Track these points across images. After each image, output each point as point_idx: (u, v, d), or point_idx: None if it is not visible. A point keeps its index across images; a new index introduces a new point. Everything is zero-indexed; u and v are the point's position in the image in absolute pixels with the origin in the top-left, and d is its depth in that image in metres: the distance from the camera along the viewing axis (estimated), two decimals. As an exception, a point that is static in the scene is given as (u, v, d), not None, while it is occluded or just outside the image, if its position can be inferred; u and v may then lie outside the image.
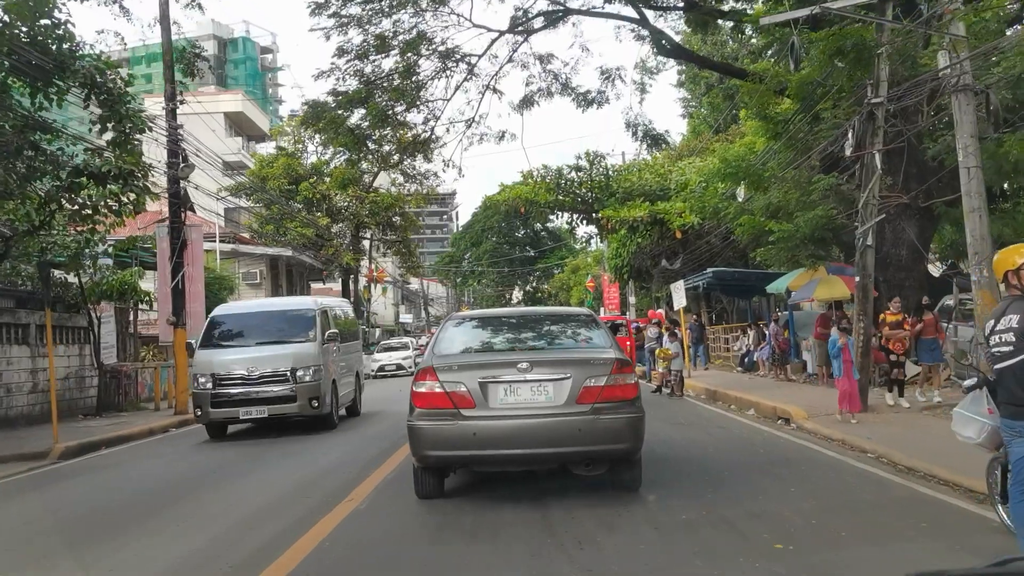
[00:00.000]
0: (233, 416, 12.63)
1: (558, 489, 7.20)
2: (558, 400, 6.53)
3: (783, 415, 12.48)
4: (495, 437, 6.53)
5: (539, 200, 27.58)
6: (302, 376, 12.53)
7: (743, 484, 7.42)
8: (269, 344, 13.02)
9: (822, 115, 16.63)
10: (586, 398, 6.50)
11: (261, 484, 8.67)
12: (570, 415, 6.47)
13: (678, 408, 15.14)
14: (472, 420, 6.51)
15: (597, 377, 6.55)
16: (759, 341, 23.79)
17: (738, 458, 8.88)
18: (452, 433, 6.55)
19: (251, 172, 35.34)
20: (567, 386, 6.53)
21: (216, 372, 12.55)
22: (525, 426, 6.53)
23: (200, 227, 18.13)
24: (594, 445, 6.54)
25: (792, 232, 15.84)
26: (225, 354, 12.96)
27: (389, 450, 10.06)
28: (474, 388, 6.54)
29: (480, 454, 6.67)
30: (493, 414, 6.53)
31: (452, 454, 6.72)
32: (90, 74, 13.31)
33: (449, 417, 6.55)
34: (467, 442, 6.54)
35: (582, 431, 6.45)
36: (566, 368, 6.67)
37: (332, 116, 15.85)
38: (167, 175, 17.38)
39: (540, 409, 6.53)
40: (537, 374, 6.58)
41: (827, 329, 16.35)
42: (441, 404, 6.57)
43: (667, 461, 8.79)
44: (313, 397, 12.57)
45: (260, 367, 12.55)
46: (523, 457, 6.73)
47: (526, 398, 6.57)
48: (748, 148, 18.42)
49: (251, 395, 12.44)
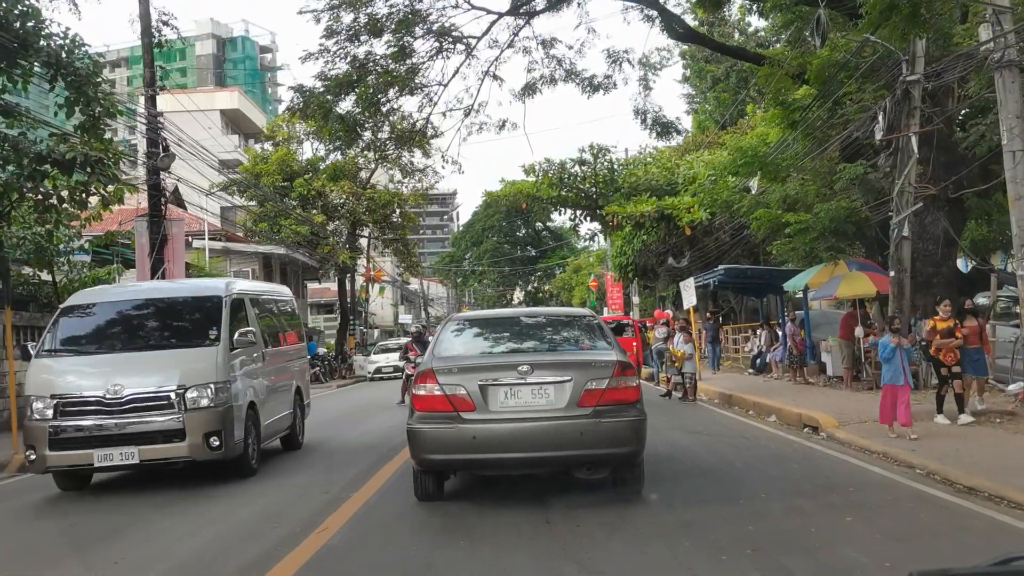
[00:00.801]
0: (83, 461, 8.16)
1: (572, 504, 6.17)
2: (559, 403, 6.38)
3: (810, 423, 11.39)
4: (495, 440, 6.38)
5: (541, 195, 26.52)
6: (195, 399, 8.23)
7: (786, 512, 6.33)
8: (145, 350, 8.85)
9: (843, 101, 15.62)
10: (587, 401, 6.35)
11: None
12: (571, 418, 6.33)
13: (692, 414, 14.07)
14: (472, 423, 6.36)
15: (599, 380, 6.40)
16: (771, 342, 22.78)
17: (772, 476, 7.78)
18: (452, 436, 6.40)
19: (244, 168, 34.23)
20: (568, 389, 6.38)
21: (59, 393, 8.24)
22: (526, 429, 6.37)
23: (182, 221, 17.06)
24: (596, 449, 6.39)
25: (811, 224, 14.76)
26: (75, 365, 8.65)
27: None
28: (474, 391, 6.39)
29: (480, 458, 6.52)
30: (493, 417, 6.39)
31: (451, 457, 6.59)
32: (55, 53, 12.27)
33: (449, 420, 6.40)
34: (467, 445, 6.39)
35: (583, 434, 6.30)
36: (567, 371, 6.51)
37: (320, 101, 14.76)
38: (146, 166, 16.33)
39: (541, 412, 6.39)
40: (538, 377, 6.42)
41: (852, 329, 15.31)
42: (441, 407, 6.44)
43: (691, 477, 7.74)
44: (212, 432, 8.22)
45: (128, 384, 8.17)
46: (523, 461, 6.54)
47: (526, 401, 6.43)
48: (761, 139, 17.33)
49: (112, 429, 8.10)
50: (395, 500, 7.20)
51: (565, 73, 18.18)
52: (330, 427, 13.50)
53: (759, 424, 12.29)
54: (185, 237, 28.90)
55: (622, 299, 44.29)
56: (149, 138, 16.43)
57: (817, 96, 16.23)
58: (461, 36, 15.08)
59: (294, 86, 15.14)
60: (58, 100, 12.54)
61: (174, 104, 34.45)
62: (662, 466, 8.20)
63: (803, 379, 17.29)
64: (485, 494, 7.30)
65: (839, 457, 8.85)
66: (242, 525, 6.75)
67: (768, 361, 22.58)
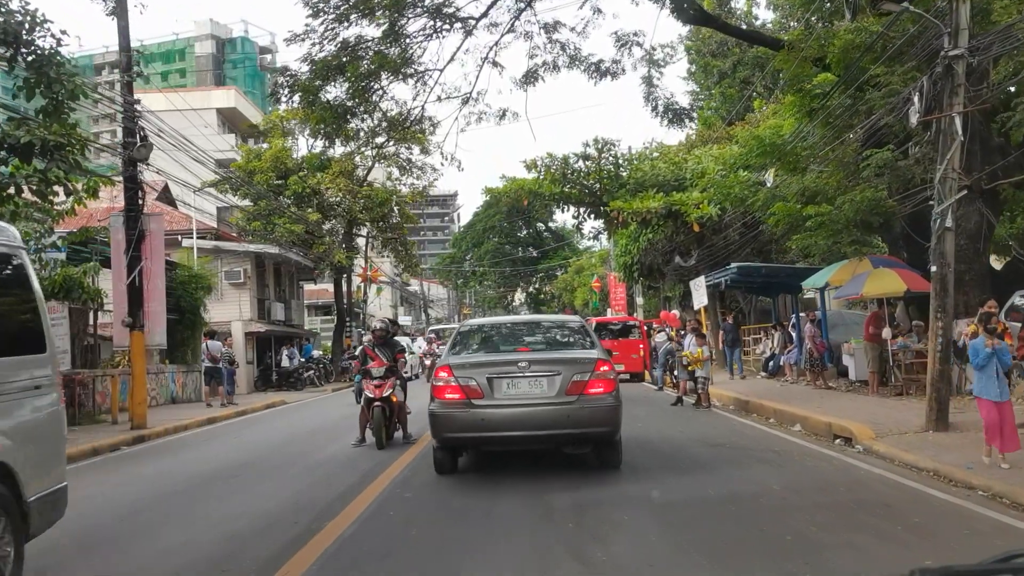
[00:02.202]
0: None
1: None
2: (551, 392, 7.70)
3: (842, 433, 10.32)
4: (499, 422, 7.70)
5: (544, 192, 25.38)
6: None
7: (841, 547, 5.26)
8: None
9: (866, 88, 14.56)
10: (573, 390, 7.65)
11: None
12: (560, 404, 7.64)
13: (709, 422, 12.99)
14: (481, 408, 7.68)
15: (583, 373, 7.72)
16: (785, 343, 21.73)
17: (820, 504, 6.57)
18: (465, 418, 7.72)
19: (237, 165, 33.12)
20: (558, 380, 7.69)
21: None
22: (524, 413, 7.70)
23: (161, 216, 16.02)
24: (579, 428, 7.69)
25: (834, 216, 13.68)
26: None
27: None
28: (482, 382, 7.71)
29: (487, 436, 7.85)
30: (498, 403, 7.70)
31: (464, 436, 7.92)
32: (14, 30, 11.25)
33: (462, 406, 7.70)
34: (477, 426, 7.72)
35: (570, 416, 7.61)
36: (557, 366, 7.83)
37: (306, 85, 13.66)
38: (122, 157, 15.29)
39: (536, 399, 7.71)
40: (534, 371, 7.76)
41: (879, 330, 14.26)
42: (456, 395, 7.74)
43: (724, 506, 6.63)
44: None
45: None
46: (522, 438, 7.84)
47: (524, 391, 7.75)
48: (774, 131, 16.24)
49: None
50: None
51: (569, 59, 17.13)
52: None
53: (784, 434, 11.20)
54: (176, 237, 28.00)
55: (625, 300, 43.24)
56: (125, 127, 15.42)
57: (839, 81, 15.19)
58: (456, 14, 13.98)
59: (278, 68, 13.93)
60: (18, 82, 11.52)
61: (170, 103, 33.52)
62: (688, 491, 7.15)
63: (823, 383, 16.23)
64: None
65: (888, 477, 7.74)
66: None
67: (782, 364, 21.57)
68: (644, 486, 7.47)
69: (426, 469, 8.55)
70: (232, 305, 28.48)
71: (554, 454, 8.47)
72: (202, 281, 23.55)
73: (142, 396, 15.26)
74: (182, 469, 10.30)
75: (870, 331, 14.34)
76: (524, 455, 8.57)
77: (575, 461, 8.42)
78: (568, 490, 7.22)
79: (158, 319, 16.00)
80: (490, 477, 8.25)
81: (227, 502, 7.70)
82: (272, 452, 11.48)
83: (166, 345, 17.29)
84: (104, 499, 8.12)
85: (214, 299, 27.43)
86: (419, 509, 7.04)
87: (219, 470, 9.85)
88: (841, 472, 8.09)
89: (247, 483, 8.90)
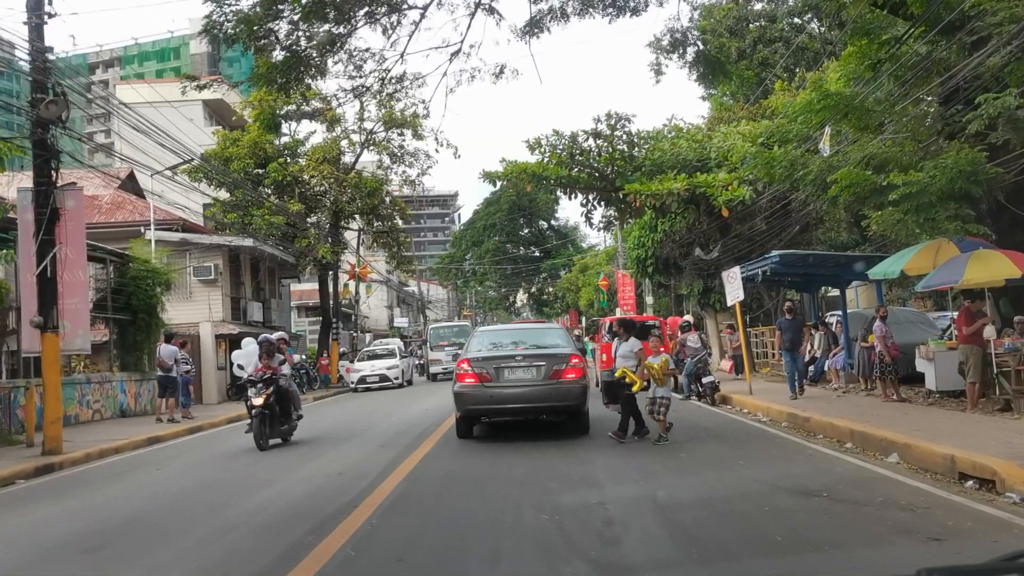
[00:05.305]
0: None
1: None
2: (538, 377, 11.06)
3: (975, 473, 7.31)
4: (503, 398, 11.06)
5: (548, 176, 22.38)
6: None
7: None
8: None
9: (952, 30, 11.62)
10: (553, 376, 11.02)
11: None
12: (544, 385, 11.01)
13: (776, 454, 9.98)
14: (490, 388, 11.04)
15: (560, 364, 11.10)
16: (828, 346, 18.79)
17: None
18: (479, 395, 11.10)
19: (212, 152, 30.15)
20: (543, 369, 11.07)
21: None
22: (520, 392, 11.03)
23: (79, 191, 13.03)
24: (557, 402, 11.12)
25: (926, 186, 10.71)
26: None
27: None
28: (491, 370, 11.10)
29: (494, 407, 11.24)
30: (502, 385, 11.06)
31: (479, 407, 11.30)
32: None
33: (477, 386, 11.09)
34: (487, 400, 11.11)
35: (551, 394, 11.00)
36: (543, 359, 11.20)
37: (247, 16, 10.61)
38: (30, 116, 12.38)
39: (528, 382, 11.07)
40: (527, 363, 11.19)
41: (978, 329, 11.28)
42: (472, 380, 11.13)
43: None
44: None
45: None
46: (518, 409, 11.22)
47: (520, 376, 11.10)
48: (845, 78, 13.30)
49: None
50: None
51: (581, 5, 14.17)
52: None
53: (886, 471, 8.14)
54: (138, 228, 25.07)
55: (634, 299, 40.15)
56: (35, 80, 12.52)
57: (915, 23, 12.25)
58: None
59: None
60: None
61: (155, 96, 30.66)
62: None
63: (895, 395, 13.24)
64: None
65: None
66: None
67: (826, 368, 18.63)
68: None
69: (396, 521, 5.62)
70: (201, 304, 25.56)
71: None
72: (159, 276, 20.61)
73: (55, 414, 12.32)
74: (45, 528, 7.31)
75: (964, 330, 11.35)
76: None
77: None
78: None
79: (79, 318, 13.08)
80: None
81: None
82: (181, 500, 8.46)
83: (90, 349, 14.35)
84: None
85: (181, 298, 24.55)
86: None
87: (88, 533, 6.85)
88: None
89: (114, 557, 5.93)
